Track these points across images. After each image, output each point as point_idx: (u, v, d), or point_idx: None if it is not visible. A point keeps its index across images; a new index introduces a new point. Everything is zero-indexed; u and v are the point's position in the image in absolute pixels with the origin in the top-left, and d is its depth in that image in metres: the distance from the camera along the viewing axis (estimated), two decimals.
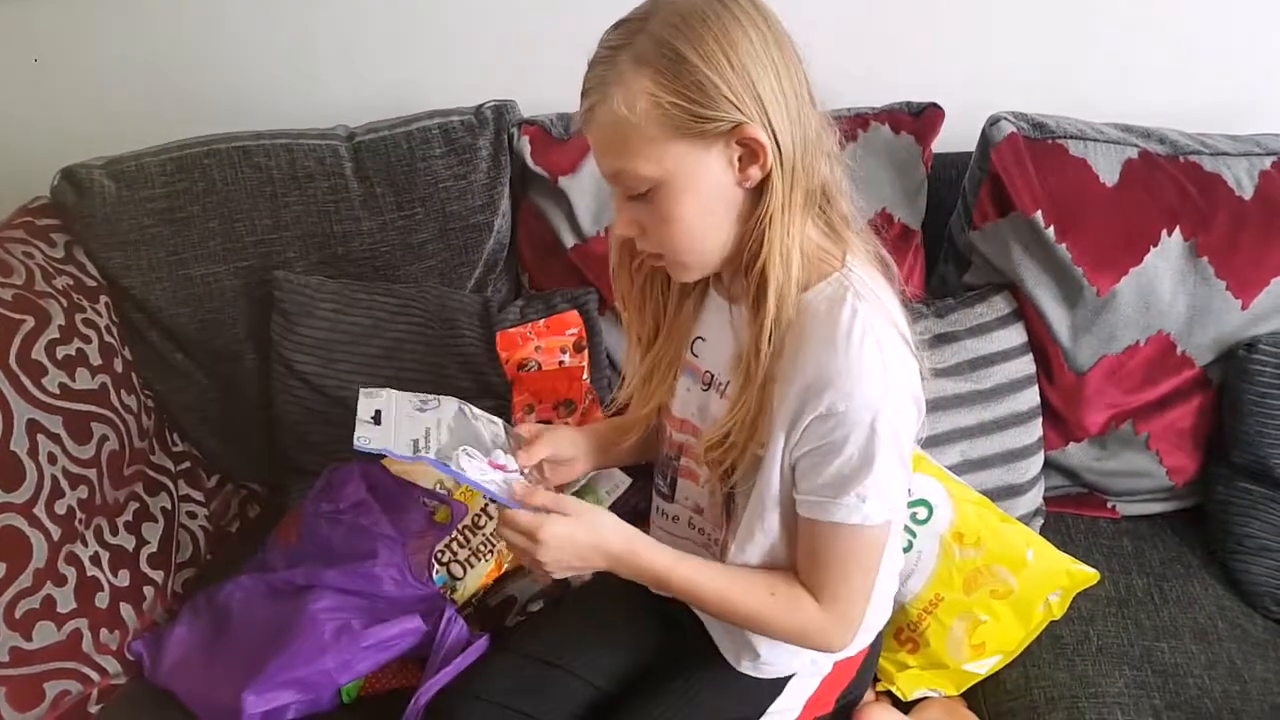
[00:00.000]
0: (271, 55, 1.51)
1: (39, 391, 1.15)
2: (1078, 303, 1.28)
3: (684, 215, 0.80)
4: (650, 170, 0.78)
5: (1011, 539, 1.16)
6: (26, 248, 1.27)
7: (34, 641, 1.07)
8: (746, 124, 0.76)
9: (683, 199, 0.79)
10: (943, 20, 1.43)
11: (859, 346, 0.79)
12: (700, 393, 0.95)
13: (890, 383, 0.80)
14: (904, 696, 1.16)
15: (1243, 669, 1.14)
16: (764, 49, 0.76)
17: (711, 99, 0.75)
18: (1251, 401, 1.26)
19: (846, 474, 0.81)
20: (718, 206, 0.81)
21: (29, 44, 1.51)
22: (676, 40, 0.74)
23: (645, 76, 0.75)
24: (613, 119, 0.77)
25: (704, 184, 0.79)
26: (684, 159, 0.77)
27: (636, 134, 0.76)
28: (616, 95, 0.76)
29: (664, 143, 0.77)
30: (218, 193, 1.34)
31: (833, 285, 0.82)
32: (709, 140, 0.77)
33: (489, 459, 0.90)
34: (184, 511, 1.37)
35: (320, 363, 1.34)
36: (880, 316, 0.81)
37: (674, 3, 0.76)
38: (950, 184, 1.37)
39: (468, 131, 1.37)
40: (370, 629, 1.09)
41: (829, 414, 0.79)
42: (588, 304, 1.39)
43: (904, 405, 0.82)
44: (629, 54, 0.76)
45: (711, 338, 0.94)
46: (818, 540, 0.86)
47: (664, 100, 0.75)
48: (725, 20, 0.75)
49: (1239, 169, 1.26)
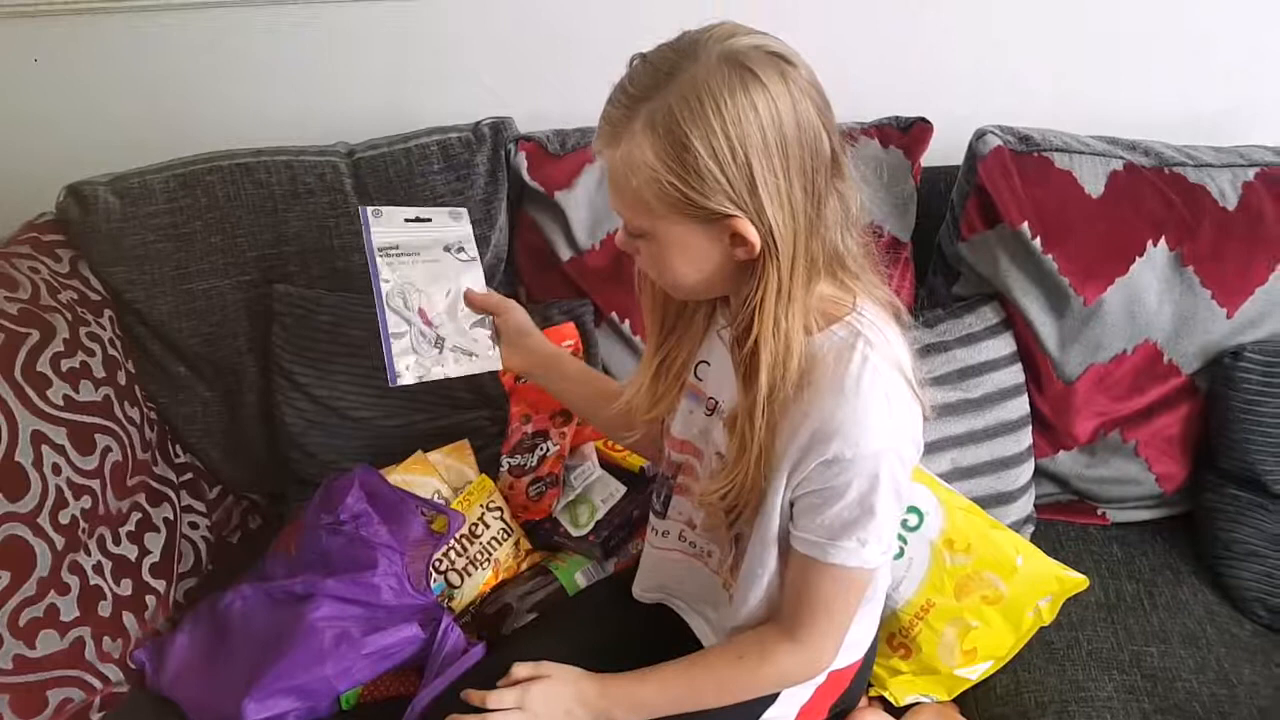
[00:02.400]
0: (273, 74, 1.53)
1: (44, 403, 1.16)
2: (1065, 312, 1.30)
3: (674, 269, 0.82)
4: (643, 224, 0.80)
5: (1002, 545, 1.17)
6: (32, 263, 1.29)
7: (37, 649, 1.08)
8: (737, 219, 0.76)
9: (673, 256, 0.81)
10: (931, 36, 1.45)
11: (868, 395, 0.79)
12: (704, 417, 0.95)
13: (896, 432, 0.81)
14: (896, 702, 1.17)
15: (1231, 673, 1.15)
16: (776, 134, 0.74)
17: (709, 189, 0.75)
18: (1238, 409, 1.28)
19: (847, 519, 0.82)
20: (708, 268, 0.82)
21: (34, 62, 1.54)
22: (686, 123, 0.73)
23: (649, 147, 0.75)
24: (617, 172, 0.79)
25: (694, 250, 0.80)
26: (674, 228, 0.79)
27: (635, 195, 0.78)
28: (623, 152, 0.77)
29: (660, 213, 0.78)
30: (220, 208, 1.36)
31: (843, 331, 0.83)
32: (700, 221, 0.78)
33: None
34: (186, 522, 1.38)
35: (320, 375, 1.35)
36: (888, 363, 0.81)
37: (698, 69, 0.74)
38: (939, 196, 1.39)
39: (465, 148, 1.39)
40: (369, 637, 1.10)
41: (835, 460, 0.80)
42: (584, 316, 1.41)
43: (906, 453, 0.83)
44: (644, 115, 0.75)
45: (716, 364, 0.94)
46: (809, 578, 0.87)
47: (663, 178, 0.75)
48: (740, 102, 0.73)
49: (1223, 180, 1.28)
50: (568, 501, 1.26)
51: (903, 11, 1.44)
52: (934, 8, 1.44)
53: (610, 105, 0.79)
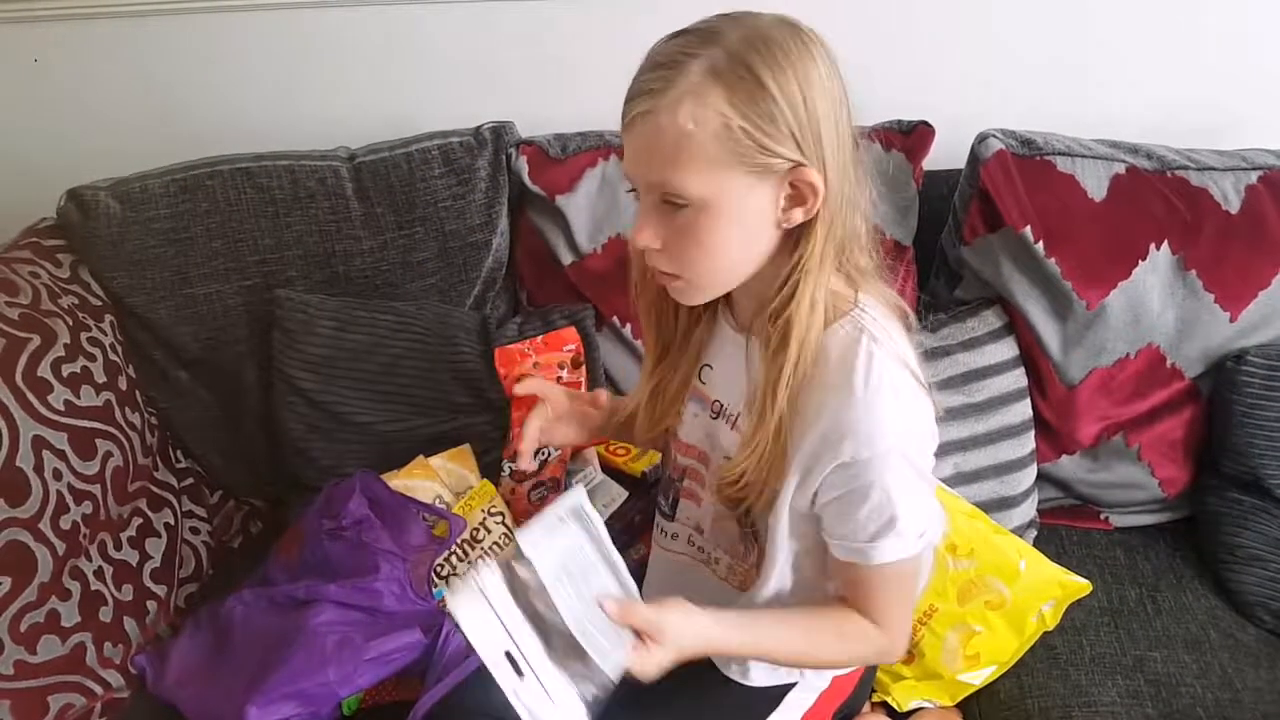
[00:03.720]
0: (274, 78, 1.54)
1: (45, 408, 1.17)
2: (1068, 316, 1.30)
3: (718, 242, 0.78)
4: (697, 189, 0.74)
5: (1005, 550, 1.17)
6: (33, 268, 1.29)
7: (38, 655, 1.08)
8: (805, 167, 0.74)
9: (721, 225, 0.76)
10: (932, 39, 1.45)
11: (876, 393, 0.78)
12: (709, 420, 0.94)
13: (906, 428, 0.80)
14: (900, 707, 1.16)
15: (1235, 678, 1.15)
16: (831, 91, 0.74)
17: (780, 133, 0.72)
18: (1241, 413, 1.27)
19: (877, 519, 0.81)
20: (753, 240, 0.79)
21: (34, 68, 1.54)
22: (757, 63, 0.71)
23: (719, 92, 0.71)
24: (673, 128, 0.73)
25: (746, 216, 0.76)
26: (735, 186, 0.74)
27: (696, 149, 0.73)
28: (683, 104, 0.72)
29: (721, 166, 0.73)
30: (221, 213, 1.36)
31: (846, 327, 0.81)
32: (764, 173, 0.74)
33: None
34: (187, 527, 1.38)
35: (321, 379, 1.35)
36: (894, 359, 0.80)
37: (750, 23, 0.74)
38: (941, 200, 1.39)
39: (466, 152, 1.39)
40: (371, 642, 1.10)
41: (851, 463, 0.79)
42: (585, 320, 1.41)
43: (922, 442, 0.83)
44: (702, 64, 0.72)
45: (720, 367, 0.93)
46: (863, 580, 0.87)
47: (734, 123, 0.72)
48: (802, 53, 0.73)
49: (1225, 183, 1.27)
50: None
51: (904, 15, 1.44)
52: (936, 11, 1.44)
53: (649, 70, 0.75)
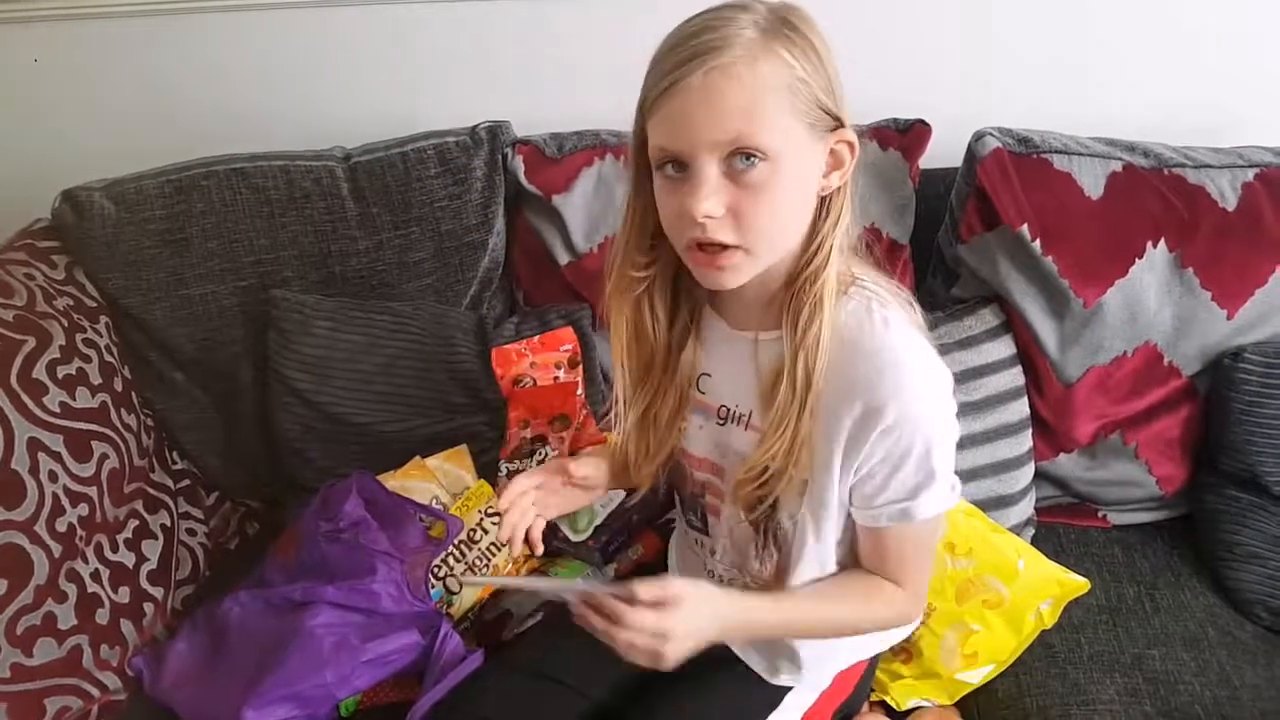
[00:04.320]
0: (269, 79, 1.53)
1: (40, 410, 1.16)
2: (1065, 315, 1.29)
3: (783, 203, 0.77)
4: (774, 142, 0.74)
5: (1003, 549, 1.17)
6: (28, 269, 1.29)
7: (35, 657, 1.08)
8: (845, 127, 0.77)
9: (787, 183, 0.76)
10: (929, 38, 1.45)
11: (904, 353, 0.81)
12: (716, 428, 0.93)
13: (935, 381, 0.83)
14: (898, 706, 1.16)
15: (1233, 675, 1.15)
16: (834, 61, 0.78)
17: (828, 91, 0.75)
18: (1238, 410, 1.27)
19: (917, 474, 0.84)
20: (804, 205, 0.80)
21: (28, 68, 1.53)
22: (801, 25, 0.75)
23: (782, 46, 0.73)
24: (755, 78, 0.73)
25: (805, 176, 0.78)
26: (800, 142, 0.76)
27: (772, 101, 0.73)
28: (760, 56, 0.72)
29: (792, 119, 0.74)
30: (216, 214, 1.36)
31: (853, 299, 0.83)
32: (817, 134, 0.76)
33: None
34: (183, 529, 1.38)
35: (317, 380, 1.35)
36: (905, 318, 0.83)
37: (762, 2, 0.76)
38: (938, 199, 1.39)
39: (463, 152, 1.39)
40: (368, 644, 1.10)
41: (894, 427, 0.80)
42: (582, 320, 1.40)
43: (945, 394, 0.84)
44: (751, 23, 0.73)
45: (721, 371, 0.93)
46: (894, 541, 0.88)
47: (800, 74, 0.73)
48: (814, 24, 0.76)
49: (1222, 181, 1.27)
50: None
51: (901, 13, 1.44)
52: (932, 10, 1.43)
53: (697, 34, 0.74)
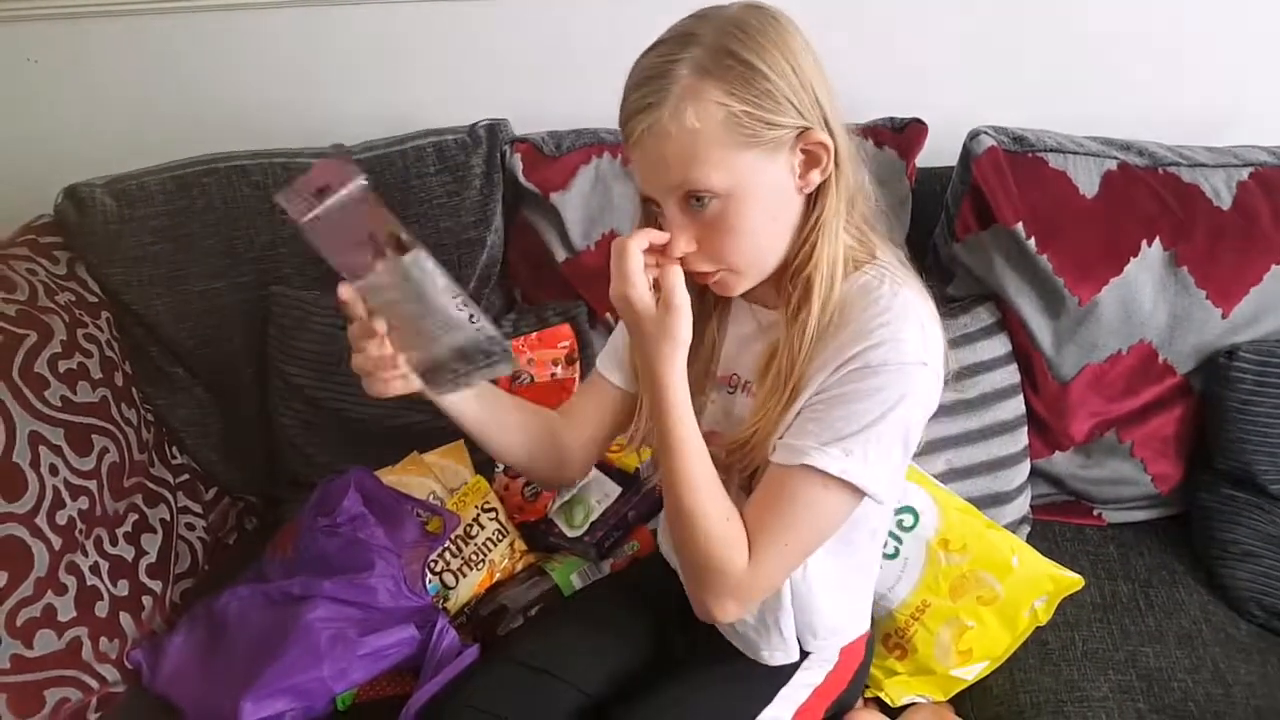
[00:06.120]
0: (269, 77, 1.54)
1: (41, 404, 1.17)
2: (1060, 313, 1.30)
3: (749, 225, 0.81)
4: (720, 180, 0.78)
5: (997, 545, 1.18)
6: (30, 264, 1.30)
7: (35, 649, 1.08)
8: (812, 129, 0.79)
9: (748, 208, 0.80)
10: (925, 37, 1.46)
11: (901, 313, 0.81)
12: (726, 396, 0.95)
13: (927, 358, 0.81)
14: (892, 703, 1.17)
15: (1226, 673, 1.15)
16: (811, 55, 0.80)
17: (780, 106, 0.77)
18: (1233, 409, 1.28)
19: (845, 428, 0.80)
20: (780, 214, 0.83)
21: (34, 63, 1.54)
22: (739, 49, 0.76)
23: (713, 86, 0.76)
24: (681, 132, 0.77)
25: (769, 192, 0.81)
26: (752, 167, 0.79)
27: (708, 144, 0.77)
28: (684, 108, 0.76)
29: (735, 152, 0.78)
30: (216, 210, 1.37)
31: (869, 274, 0.85)
32: (775, 148, 0.79)
33: None
34: (182, 523, 1.38)
35: (316, 376, 1.36)
36: (920, 298, 0.84)
37: (724, 16, 0.79)
38: (934, 197, 1.39)
39: (461, 150, 1.39)
40: (365, 638, 1.10)
41: (866, 366, 0.80)
42: (579, 317, 1.41)
43: (932, 388, 0.83)
44: (688, 67, 0.76)
45: (732, 340, 0.95)
46: (780, 487, 0.82)
47: (736, 110, 0.76)
48: (776, 28, 0.78)
49: (1217, 180, 1.28)
50: (563, 502, 1.26)
51: (896, 12, 1.44)
52: (927, 8, 1.44)
53: (638, 87, 0.79)
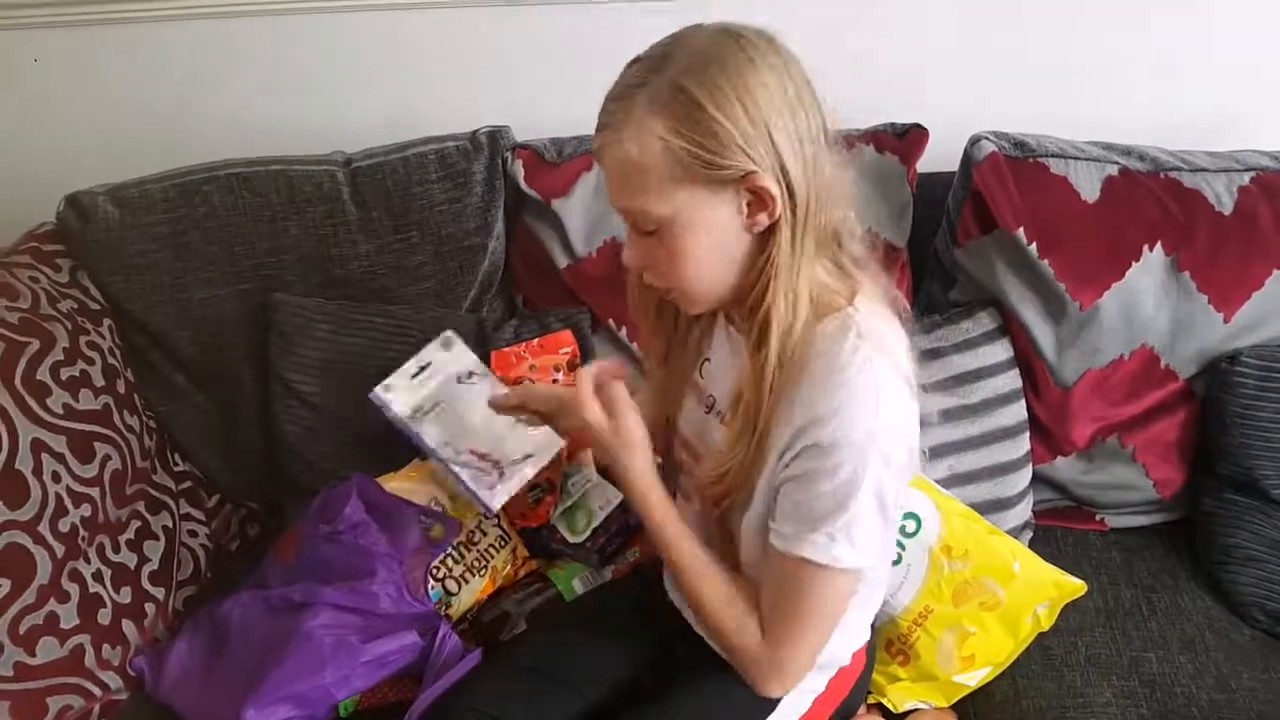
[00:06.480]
0: (271, 84, 1.54)
1: (44, 412, 1.17)
2: (1062, 318, 1.30)
3: (691, 254, 0.81)
4: (660, 209, 0.79)
5: (999, 551, 1.18)
6: (32, 272, 1.30)
7: (38, 657, 1.08)
8: (757, 174, 0.76)
9: (690, 238, 0.80)
10: (926, 43, 1.45)
11: (855, 383, 0.79)
12: (702, 415, 0.96)
13: (884, 427, 0.80)
14: (895, 709, 1.17)
15: (1230, 678, 1.15)
16: (781, 94, 0.76)
17: (724, 146, 0.75)
18: (1235, 413, 1.28)
19: (819, 511, 0.81)
20: (725, 247, 0.81)
21: (34, 74, 1.55)
22: (693, 87, 0.74)
23: (659, 120, 0.75)
24: (625, 158, 0.77)
25: (712, 226, 0.79)
26: (693, 201, 0.78)
27: (647, 174, 0.77)
28: (629, 136, 0.76)
29: (674, 185, 0.77)
30: (218, 218, 1.37)
31: (836, 323, 0.82)
32: (719, 186, 0.77)
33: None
34: (185, 530, 1.38)
35: (318, 383, 1.36)
36: (882, 357, 0.81)
37: (694, 45, 0.77)
38: (935, 203, 1.39)
39: (463, 156, 1.40)
40: (368, 645, 1.10)
41: (818, 445, 0.79)
42: (581, 323, 1.41)
43: (893, 452, 0.80)
44: (645, 95, 0.76)
45: (717, 362, 0.95)
46: (782, 575, 0.85)
47: (675, 145, 0.75)
48: (743, 66, 0.75)
49: (1218, 185, 1.28)
50: (565, 508, 1.26)
51: (897, 18, 1.44)
52: (928, 14, 1.44)
53: (606, 104, 0.79)
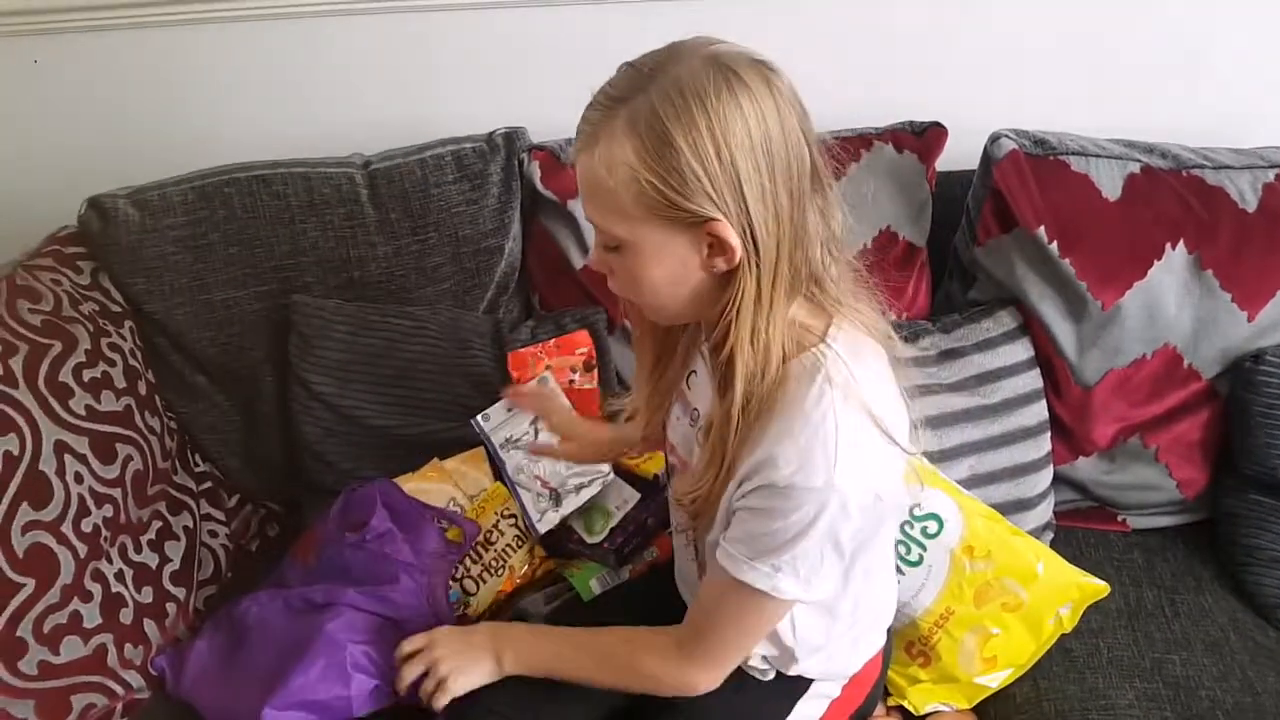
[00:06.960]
0: (290, 87, 1.55)
1: (66, 413, 1.18)
2: (1083, 317, 1.29)
3: (647, 279, 0.79)
4: (620, 231, 0.77)
5: (1021, 552, 1.17)
6: (55, 275, 1.31)
7: (61, 656, 1.09)
8: (719, 222, 0.73)
9: (647, 265, 0.78)
10: (945, 40, 1.45)
11: (816, 431, 0.76)
12: (687, 426, 0.95)
13: (845, 475, 0.76)
14: (916, 710, 1.16)
15: (1255, 680, 1.14)
16: (762, 136, 0.72)
17: (690, 189, 0.72)
18: (1259, 413, 1.26)
19: (769, 544, 0.79)
20: (683, 281, 0.79)
21: (58, 80, 1.56)
22: (669, 120, 0.71)
23: (630, 146, 0.72)
24: (593, 174, 0.76)
25: (669, 258, 0.77)
26: (651, 234, 0.76)
27: (610, 197, 0.75)
28: (600, 156, 0.74)
29: (633, 214, 0.75)
30: (238, 220, 1.38)
31: (806, 364, 0.79)
32: (678, 226, 0.75)
33: None
34: (205, 530, 1.39)
35: (337, 383, 1.37)
36: (850, 401, 0.78)
37: (684, 70, 0.73)
38: (954, 201, 1.39)
39: (479, 158, 1.40)
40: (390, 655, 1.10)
41: (772, 487, 0.77)
42: (597, 324, 1.41)
43: (854, 497, 0.77)
44: (624, 113, 0.73)
45: (701, 374, 0.94)
46: (723, 590, 0.84)
47: (642, 177, 0.73)
48: (726, 102, 0.71)
49: (1242, 182, 1.27)
50: (582, 508, 1.26)
51: (916, 16, 1.44)
52: (948, 12, 1.43)
53: (589, 109, 0.77)
